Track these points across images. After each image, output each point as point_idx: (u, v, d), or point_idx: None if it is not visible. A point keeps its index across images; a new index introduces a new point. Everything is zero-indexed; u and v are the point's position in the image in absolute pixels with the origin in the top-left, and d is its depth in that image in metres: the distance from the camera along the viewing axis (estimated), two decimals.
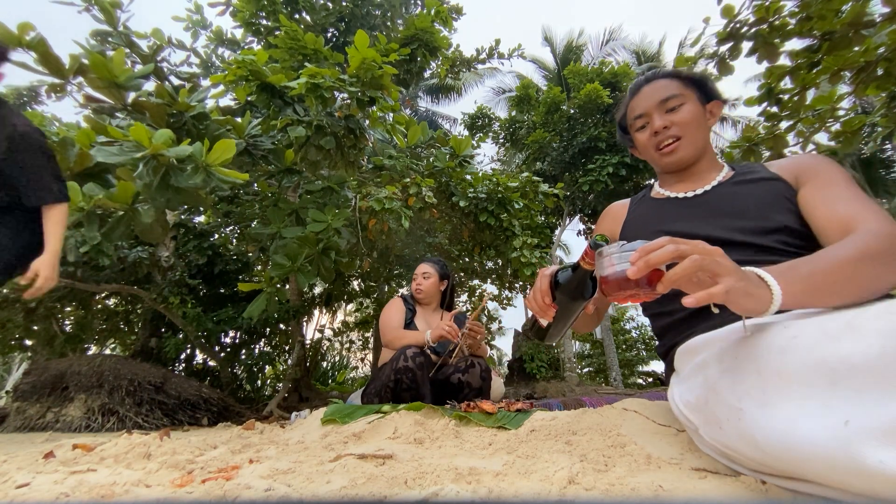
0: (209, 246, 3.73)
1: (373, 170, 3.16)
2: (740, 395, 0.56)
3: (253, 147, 2.41)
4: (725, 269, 0.55)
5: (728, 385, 0.59)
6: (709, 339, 0.73)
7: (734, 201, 0.85)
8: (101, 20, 2.24)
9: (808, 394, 0.47)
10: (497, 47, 5.16)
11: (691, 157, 0.91)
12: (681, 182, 0.95)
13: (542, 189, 3.36)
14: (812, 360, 0.48)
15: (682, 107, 0.89)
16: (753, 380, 0.55)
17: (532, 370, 6.52)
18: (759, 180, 0.86)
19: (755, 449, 0.53)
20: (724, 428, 0.59)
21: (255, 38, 3.85)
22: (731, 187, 0.88)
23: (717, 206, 0.87)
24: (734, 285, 0.54)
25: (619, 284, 0.62)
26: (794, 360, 0.51)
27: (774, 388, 0.52)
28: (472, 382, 1.75)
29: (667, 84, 0.92)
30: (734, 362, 0.60)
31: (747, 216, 0.83)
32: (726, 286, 0.53)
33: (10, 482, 0.66)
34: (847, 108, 1.84)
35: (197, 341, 3.58)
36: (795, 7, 1.62)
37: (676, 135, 0.90)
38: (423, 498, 0.55)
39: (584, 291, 0.74)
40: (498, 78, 13.01)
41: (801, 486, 0.52)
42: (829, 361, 0.47)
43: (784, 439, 0.48)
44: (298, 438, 1.20)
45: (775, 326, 0.59)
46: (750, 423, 0.53)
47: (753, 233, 0.81)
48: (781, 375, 0.51)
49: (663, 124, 0.90)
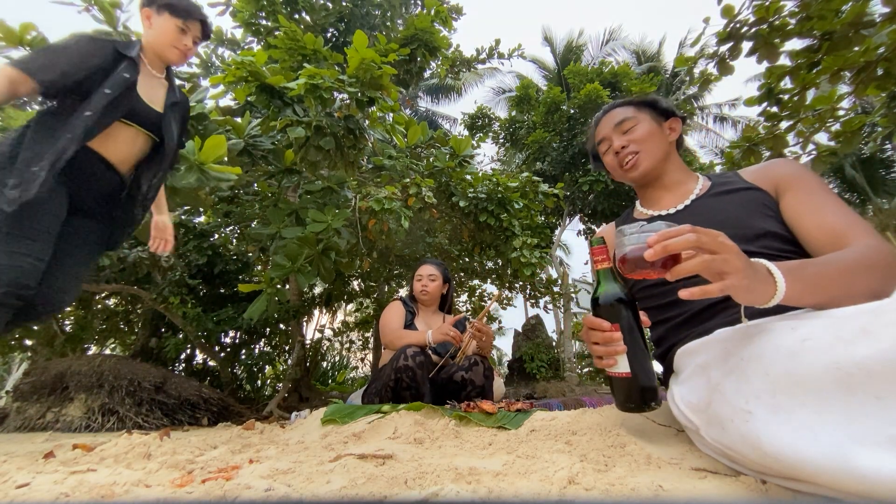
0: (209, 246, 3.72)
1: (373, 170, 3.16)
2: (748, 396, 0.56)
3: (252, 147, 2.41)
4: (734, 268, 0.56)
5: (734, 386, 0.59)
6: (709, 341, 0.74)
7: (715, 213, 0.89)
8: (101, 20, 2.24)
9: (824, 399, 0.47)
10: (497, 47, 5.16)
11: (651, 167, 1.00)
12: (660, 199, 1.02)
13: (542, 189, 3.36)
14: (826, 364, 0.48)
15: (635, 126, 1.02)
16: (761, 382, 0.55)
17: (532, 370, 6.52)
18: (736, 190, 0.91)
19: (760, 454, 0.53)
20: (727, 429, 0.59)
21: (254, 38, 3.85)
22: (709, 200, 0.93)
23: (699, 219, 0.90)
24: (736, 284, 0.56)
25: (637, 263, 0.64)
26: (806, 363, 0.50)
27: (786, 392, 0.51)
28: (476, 380, 1.76)
29: (622, 110, 1.05)
30: (739, 363, 0.60)
31: (730, 225, 0.84)
32: (724, 286, 0.56)
33: (10, 482, 0.66)
34: (847, 108, 1.84)
35: (197, 341, 3.58)
36: (795, 7, 1.62)
37: (634, 150, 1.00)
38: (423, 498, 0.55)
39: (622, 288, 0.74)
40: (498, 78, 13.02)
41: (802, 486, 0.52)
42: (844, 367, 0.46)
43: (799, 448, 0.48)
44: (298, 438, 1.20)
45: (782, 327, 0.59)
46: (758, 427, 0.53)
47: (738, 241, 0.83)
48: (793, 379, 0.51)
49: (621, 144, 1.02)
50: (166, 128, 1.43)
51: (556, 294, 4.82)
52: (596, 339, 0.72)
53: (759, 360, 0.57)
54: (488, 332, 1.81)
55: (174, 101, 1.48)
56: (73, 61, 1.24)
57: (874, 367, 0.44)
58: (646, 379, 0.70)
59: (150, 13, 1.37)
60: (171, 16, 1.36)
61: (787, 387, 0.51)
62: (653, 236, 0.60)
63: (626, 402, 0.73)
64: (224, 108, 2.89)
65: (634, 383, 0.70)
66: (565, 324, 8.20)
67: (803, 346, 0.52)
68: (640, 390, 0.70)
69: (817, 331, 0.53)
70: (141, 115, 1.38)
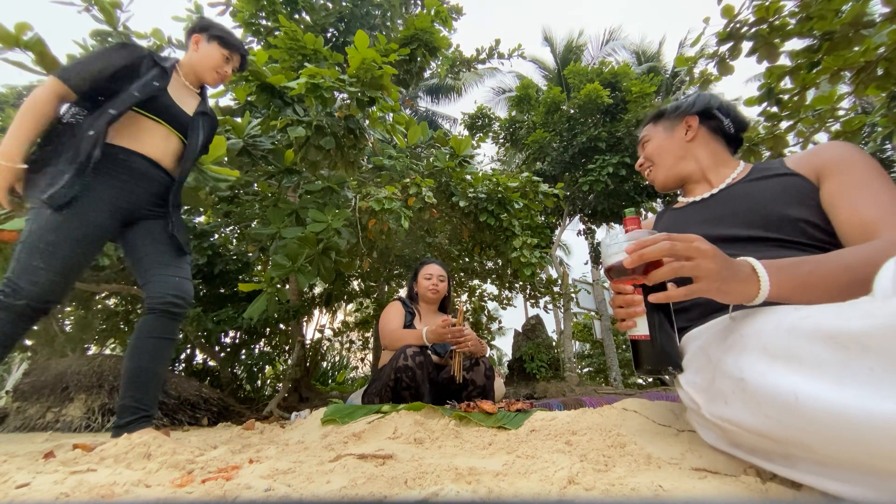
0: (209, 246, 3.72)
1: (373, 170, 3.16)
2: (743, 367, 0.56)
3: (252, 147, 2.41)
4: (704, 272, 0.60)
5: (732, 360, 0.60)
6: (709, 325, 0.76)
7: (744, 200, 0.88)
8: (101, 20, 2.24)
9: (819, 368, 0.47)
10: (497, 47, 5.15)
11: (666, 177, 1.07)
12: (695, 189, 1.04)
13: (542, 189, 3.36)
14: (823, 336, 0.48)
15: (648, 143, 1.11)
16: (758, 354, 0.55)
17: (532, 370, 6.52)
18: (773, 176, 0.88)
19: (760, 416, 0.52)
20: (729, 403, 0.59)
21: (254, 38, 3.85)
22: (744, 185, 0.92)
23: (730, 204, 0.90)
24: (704, 288, 0.61)
25: (619, 270, 0.69)
26: (804, 336, 0.50)
27: (783, 362, 0.51)
28: (477, 380, 1.76)
29: (644, 129, 1.15)
30: (739, 339, 0.61)
31: (760, 212, 0.84)
32: (689, 291, 0.62)
33: (10, 482, 0.66)
34: (847, 108, 1.84)
35: (197, 341, 3.58)
36: (795, 7, 1.62)
37: (649, 165, 1.11)
38: (423, 498, 0.55)
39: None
40: (498, 78, 13.02)
41: (803, 478, 0.51)
42: (841, 340, 0.46)
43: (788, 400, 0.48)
44: (298, 438, 1.20)
45: (785, 307, 0.59)
46: (753, 389, 0.53)
47: (768, 228, 0.82)
48: (790, 351, 0.51)
49: (641, 161, 1.13)
50: (192, 130, 1.49)
51: (556, 294, 4.82)
52: (619, 302, 0.73)
53: (759, 336, 0.57)
54: (465, 335, 1.74)
55: (204, 111, 1.55)
56: (104, 64, 1.29)
57: (870, 343, 0.43)
58: (664, 342, 0.70)
59: (199, 39, 1.52)
60: (220, 46, 1.52)
61: (785, 359, 0.51)
62: (630, 245, 0.64)
63: (644, 363, 0.72)
64: (224, 108, 2.89)
65: (652, 346, 0.70)
66: (565, 324, 8.20)
67: (802, 322, 0.52)
68: (657, 353, 0.70)
69: (818, 309, 0.53)
70: (173, 115, 1.43)
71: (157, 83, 1.36)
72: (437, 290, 2.09)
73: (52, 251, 1.17)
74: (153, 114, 1.38)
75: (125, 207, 1.34)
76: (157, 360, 1.31)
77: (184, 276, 1.40)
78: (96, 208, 1.26)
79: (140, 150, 1.36)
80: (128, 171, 1.33)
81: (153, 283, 1.34)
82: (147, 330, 1.31)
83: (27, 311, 1.16)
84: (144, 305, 1.34)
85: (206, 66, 1.51)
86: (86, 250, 1.24)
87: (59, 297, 1.21)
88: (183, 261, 1.43)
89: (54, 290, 1.19)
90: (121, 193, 1.32)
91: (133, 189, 1.35)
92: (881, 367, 0.42)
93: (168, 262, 1.38)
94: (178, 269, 1.40)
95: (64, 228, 1.19)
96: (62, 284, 1.21)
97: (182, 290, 1.37)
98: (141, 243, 1.38)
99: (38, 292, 1.16)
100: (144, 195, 1.38)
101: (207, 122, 1.57)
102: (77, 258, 1.22)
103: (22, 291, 1.14)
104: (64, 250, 1.19)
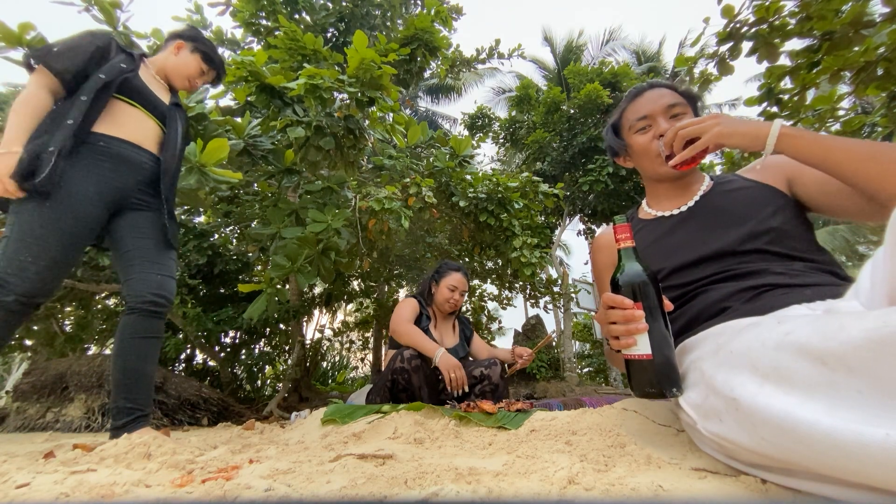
0: (209, 246, 3.72)
1: (373, 170, 3.16)
2: (734, 386, 0.56)
3: (252, 147, 2.41)
4: (712, 123, 0.80)
5: (723, 379, 0.59)
6: (703, 336, 0.75)
7: (718, 212, 0.89)
8: (101, 20, 2.24)
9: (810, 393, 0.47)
10: (497, 47, 5.16)
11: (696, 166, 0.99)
12: (668, 198, 1.00)
13: (542, 189, 3.36)
14: (811, 360, 0.48)
15: (685, 115, 0.93)
16: (748, 374, 0.55)
17: (532, 370, 6.52)
18: (739, 189, 0.91)
19: (756, 437, 0.52)
20: (723, 420, 0.59)
21: (254, 38, 3.84)
22: (714, 198, 0.93)
23: (705, 218, 0.91)
24: (718, 131, 0.78)
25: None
26: (790, 352, 0.50)
27: (774, 384, 0.51)
28: (493, 377, 1.79)
29: (671, 93, 0.96)
30: (729, 356, 0.61)
31: (733, 223, 0.86)
32: (709, 138, 0.79)
33: (10, 482, 0.66)
34: (847, 108, 1.84)
35: (197, 341, 3.58)
36: (795, 7, 1.62)
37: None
38: (423, 498, 0.55)
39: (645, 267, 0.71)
40: (498, 78, 13.02)
41: (802, 485, 0.51)
42: (828, 363, 0.46)
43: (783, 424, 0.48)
44: (298, 438, 1.20)
45: (768, 321, 0.60)
46: (746, 410, 0.53)
47: (741, 238, 0.83)
48: (780, 373, 0.51)
49: (664, 132, 0.91)
50: (171, 120, 1.48)
51: (556, 294, 4.82)
52: (615, 318, 0.68)
53: (748, 353, 0.57)
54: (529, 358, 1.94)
55: (177, 103, 1.54)
56: (79, 52, 1.28)
57: (853, 364, 0.43)
58: (668, 362, 0.66)
59: (183, 46, 1.52)
60: (202, 60, 1.54)
61: (775, 380, 0.51)
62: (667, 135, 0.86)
63: (647, 386, 0.66)
64: (224, 108, 2.89)
65: (656, 366, 0.65)
66: (565, 324, 8.20)
67: (787, 339, 0.52)
68: (661, 374, 0.65)
69: (800, 324, 0.52)
70: (147, 99, 1.41)
71: (125, 65, 1.35)
72: (456, 305, 2.06)
73: (40, 245, 1.15)
74: (126, 96, 1.36)
75: (111, 195, 1.31)
76: (145, 360, 1.29)
77: (166, 273, 1.37)
78: (82, 199, 1.23)
79: (119, 134, 1.34)
80: (109, 156, 1.31)
81: (134, 280, 1.31)
82: (130, 330, 1.28)
83: (17, 306, 1.14)
84: (125, 304, 1.31)
85: (181, 73, 1.51)
86: (75, 242, 1.22)
87: (50, 291, 1.19)
88: (168, 256, 1.40)
89: (44, 284, 1.17)
90: (105, 180, 1.29)
91: (117, 175, 1.32)
92: (868, 390, 0.42)
93: (152, 259, 1.35)
94: (161, 265, 1.36)
95: (51, 221, 1.17)
96: (52, 279, 1.18)
97: (164, 288, 1.33)
98: (126, 236, 1.35)
99: (28, 287, 1.14)
100: (130, 181, 1.35)
101: (182, 115, 1.56)
102: (66, 251, 1.20)
103: (10, 286, 1.12)
104: (52, 243, 1.17)
